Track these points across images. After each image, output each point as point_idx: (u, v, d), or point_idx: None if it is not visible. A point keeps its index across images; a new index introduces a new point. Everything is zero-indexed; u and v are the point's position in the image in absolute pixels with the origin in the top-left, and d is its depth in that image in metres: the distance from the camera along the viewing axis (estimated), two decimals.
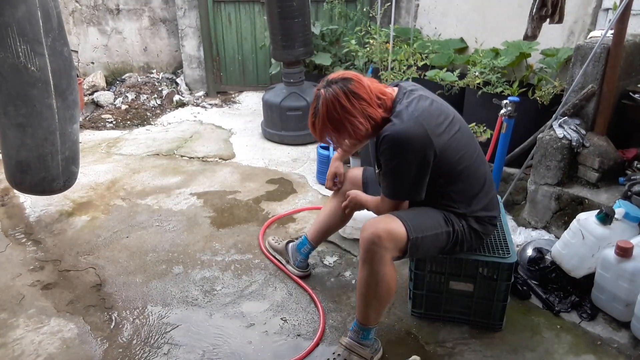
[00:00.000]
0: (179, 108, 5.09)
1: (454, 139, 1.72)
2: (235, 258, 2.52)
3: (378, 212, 1.89)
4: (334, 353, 1.83)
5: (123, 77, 5.39)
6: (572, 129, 2.48)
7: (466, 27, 3.99)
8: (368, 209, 2.03)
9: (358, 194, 2.04)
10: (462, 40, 3.99)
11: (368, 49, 3.99)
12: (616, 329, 2.02)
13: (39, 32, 2.08)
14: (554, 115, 2.57)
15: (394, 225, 1.69)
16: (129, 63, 5.46)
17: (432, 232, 1.75)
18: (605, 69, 2.40)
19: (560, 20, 2.45)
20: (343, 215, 2.24)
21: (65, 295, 2.26)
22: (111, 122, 4.66)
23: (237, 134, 4.34)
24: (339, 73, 1.73)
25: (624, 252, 1.94)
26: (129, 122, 4.68)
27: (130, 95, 5.04)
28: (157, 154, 3.90)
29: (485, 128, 2.95)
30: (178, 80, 5.44)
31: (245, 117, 4.77)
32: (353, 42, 4.08)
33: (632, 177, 2.35)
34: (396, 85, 1.81)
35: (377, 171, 1.87)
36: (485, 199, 1.82)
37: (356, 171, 2.22)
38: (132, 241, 2.67)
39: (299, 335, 2.02)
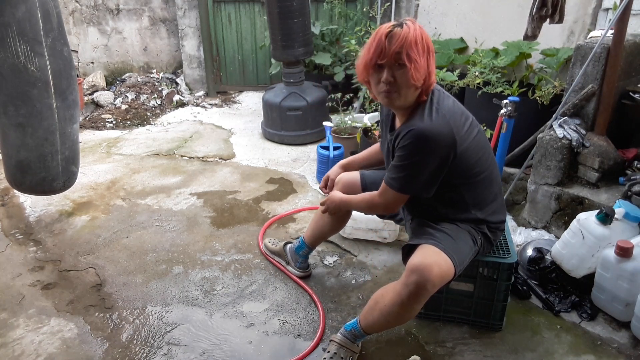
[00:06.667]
0: (179, 108, 5.09)
1: (474, 141, 1.68)
2: (235, 258, 2.52)
3: (374, 205, 1.82)
4: (328, 352, 1.83)
5: (123, 77, 5.39)
6: (572, 129, 2.48)
7: (466, 27, 3.99)
8: (355, 209, 1.97)
9: (337, 195, 1.97)
10: (462, 40, 3.99)
11: None
12: (616, 329, 2.02)
13: (38, 32, 2.08)
14: (554, 115, 2.57)
15: (445, 268, 1.62)
16: (129, 63, 5.46)
17: (468, 258, 1.74)
18: (605, 69, 2.40)
19: (560, 20, 2.45)
20: (339, 220, 2.21)
21: (65, 295, 2.26)
22: (111, 122, 4.66)
23: (237, 133, 4.34)
24: None
25: (624, 252, 1.94)
26: (129, 122, 4.68)
27: (130, 95, 5.04)
28: (157, 154, 3.90)
29: (485, 128, 2.95)
30: (178, 80, 5.44)
31: (245, 117, 4.77)
32: (353, 42, 4.08)
33: (632, 177, 2.35)
34: None
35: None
36: (496, 203, 1.81)
37: (353, 175, 2.13)
38: (132, 241, 2.67)
39: (299, 335, 2.02)
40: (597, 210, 2.09)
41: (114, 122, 4.65)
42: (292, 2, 3.62)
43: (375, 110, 4.00)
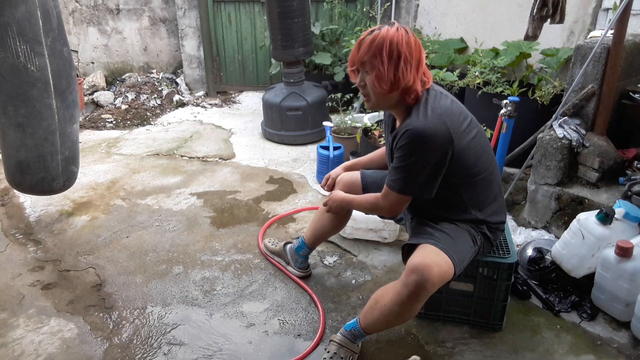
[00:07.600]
0: (179, 108, 5.09)
1: (473, 141, 1.68)
2: (235, 258, 2.52)
3: (376, 207, 1.84)
4: (328, 352, 1.83)
5: (123, 77, 5.39)
6: (572, 129, 2.48)
7: (466, 27, 3.99)
8: (358, 210, 1.97)
9: (339, 195, 1.99)
10: (462, 40, 3.99)
11: None
12: (616, 329, 2.02)
13: (38, 32, 2.08)
14: (554, 115, 2.57)
15: (445, 268, 1.62)
16: (129, 63, 5.47)
17: (468, 258, 1.74)
18: (605, 69, 2.40)
19: (561, 20, 2.45)
20: (339, 220, 2.21)
21: (65, 295, 2.26)
22: (111, 122, 4.66)
23: (237, 133, 4.34)
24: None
25: (624, 252, 1.94)
26: (129, 122, 4.68)
27: (130, 95, 5.05)
28: (157, 154, 3.90)
29: (485, 128, 2.95)
30: (178, 80, 5.44)
31: (245, 117, 4.77)
32: (353, 42, 4.08)
33: (632, 177, 2.35)
34: None
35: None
36: (496, 203, 1.81)
37: (354, 175, 2.13)
38: (132, 241, 2.67)
39: (299, 335, 2.02)
40: (597, 210, 2.09)
41: (114, 122, 4.65)
42: (292, 2, 3.62)
43: (375, 111, 4.00)
